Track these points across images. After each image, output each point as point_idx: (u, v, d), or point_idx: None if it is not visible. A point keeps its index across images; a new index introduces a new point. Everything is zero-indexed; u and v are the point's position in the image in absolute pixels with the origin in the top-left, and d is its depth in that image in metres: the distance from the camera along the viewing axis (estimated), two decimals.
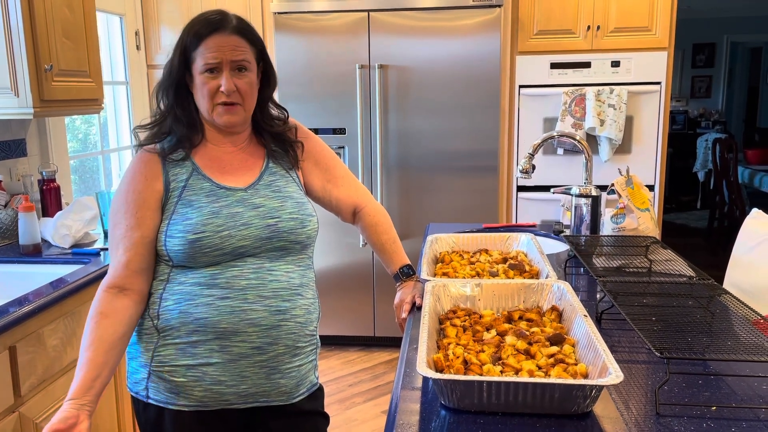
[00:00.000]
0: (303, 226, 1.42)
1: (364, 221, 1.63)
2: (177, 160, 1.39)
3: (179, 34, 1.40)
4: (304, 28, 3.47)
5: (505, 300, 1.48)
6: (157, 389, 1.37)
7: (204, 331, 1.33)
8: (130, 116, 3.55)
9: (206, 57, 1.34)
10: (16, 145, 2.56)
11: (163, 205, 1.37)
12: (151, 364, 1.37)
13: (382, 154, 3.54)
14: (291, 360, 1.41)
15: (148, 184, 1.37)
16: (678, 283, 1.54)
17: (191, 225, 1.33)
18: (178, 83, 1.39)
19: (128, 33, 3.47)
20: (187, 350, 1.34)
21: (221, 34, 1.35)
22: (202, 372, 1.34)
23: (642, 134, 3.51)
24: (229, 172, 1.42)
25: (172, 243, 1.33)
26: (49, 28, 2.21)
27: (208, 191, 1.37)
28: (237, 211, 1.36)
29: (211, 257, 1.34)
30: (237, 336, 1.34)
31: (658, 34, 3.43)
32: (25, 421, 1.66)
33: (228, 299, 1.33)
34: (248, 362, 1.36)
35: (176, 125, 1.40)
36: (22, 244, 2.20)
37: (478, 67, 3.42)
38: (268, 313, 1.36)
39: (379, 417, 3.00)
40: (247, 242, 1.35)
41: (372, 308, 3.71)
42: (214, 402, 1.37)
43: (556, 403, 1.03)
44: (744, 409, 1.06)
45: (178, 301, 1.35)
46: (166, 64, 1.41)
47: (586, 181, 2.16)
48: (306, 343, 1.44)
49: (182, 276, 1.36)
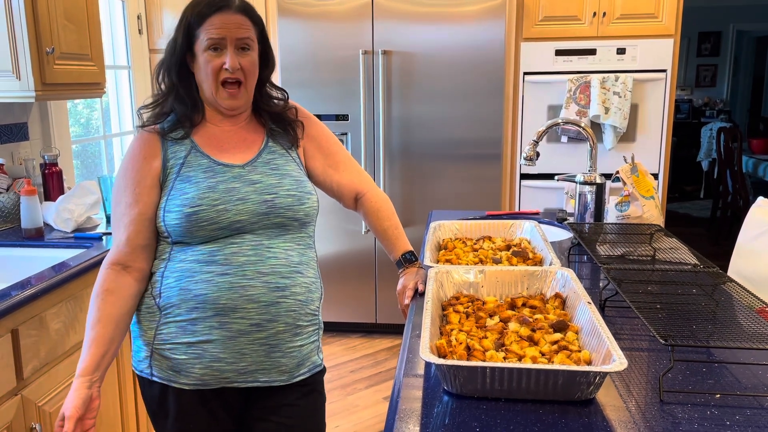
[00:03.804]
0: (301, 202, 1.42)
1: (366, 207, 1.62)
2: (176, 138, 1.41)
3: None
4: (307, 14, 3.45)
5: (508, 287, 1.47)
6: (160, 367, 1.39)
7: (204, 307, 1.35)
8: (132, 101, 3.54)
9: (211, 33, 1.35)
10: (18, 128, 2.55)
11: (162, 182, 1.39)
12: (154, 342, 1.39)
13: (385, 141, 3.52)
14: (292, 339, 1.41)
15: (146, 162, 1.39)
16: (682, 271, 1.53)
17: (188, 199, 1.35)
18: (181, 62, 1.40)
19: (130, 17, 3.45)
20: (187, 328, 1.36)
21: (226, 13, 1.36)
22: (202, 349, 1.36)
23: (647, 122, 3.49)
24: (228, 150, 1.43)
25: (170, 217, 1.36)
26: (51, 11, 2.20)
27: (206, 167, 1.39)
28: (234, 186, 1.38)
29: (208, 231, 1.35)
30: (236, 312, 1.35)
31: (664, 21, 3.40)
32: (27, 403, 1.66)
33: (227, 275, 1.35)
34: (247, 339, 1.37)
35: (178, 104, 1.42)
36: (24, 228, 2.20)
37: (482, 53, 3.40)
38: (267, 290, 1.36)
39: (380, 403, 3.01)
40: (244, 217, 1.36)
41: (374, 295, 3.71)
42: (215, 380, 1.38)
43: (560, 390, 1.02)
44: (748, 397, 1.06)
45: (178, 279, 1.36)
46: (169, 43, 1.42)
47: (591, 168, 2.15)
48: (307, 322, 1.44)
49: (182, 254, 1.37)
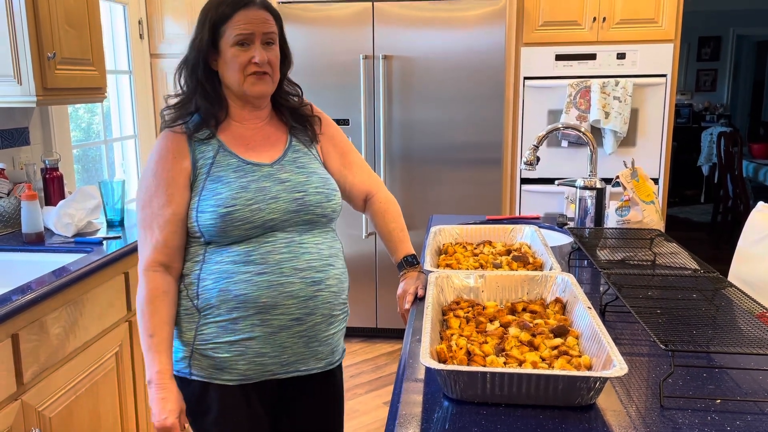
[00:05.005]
0: (328, 199, 1.47)
1: (374, 208, 1.66)
2: (203, 138, 1.43)
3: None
4: (308, 18, 3.45)
5: (508, 291, 1.47)
6: (200, 366, 1.43)
7: (245, 307, 1.38)
8: (132, 106, 3.54)
9: (240, 29, 1.38)
10: (19, 133, 2.56)
11: (192, 182, 1.41)
12: (194, 343, 1.42)
13: (386, 146, 3.53)
14: (327, 328, 1.48)
15: (176, 162, 1.41)
16: (682, 276, 1.53)
17: (222, 199, 1.37)
18: (205, 61, 1.43)
19: (131, 22, 3.46)
20: (228, 327, 1.39)
21: (251, 9, 1.40)
22: (244, 346, 1.40)
23: (647, 127, 3.49)
24: (253, 148, 1.46)
25: (204, 218, 1.38)
26: (52, 16, 2.20)
27: (236, 167, 1.42)
28: (265, 185, 1.41)
29: (242, 230, 1.38)
30: (276, 309, 1.39)
31: (664, 26, 3.40)
32: (27, 408, 1.66)
33: (265, 274, 1.38)
34: (288, 333, 1.42)
35: (203, 102, 1.44)
36: (24, 233, 2.20)
37: (482, 58, 3.40)
38: (304, 285, 1.41)
39: (380, 408, 3.00)
40: (276, 215, 1.40)
41: (374, 299, 3.71)
42: (257, 374, 1.43)
43: (560, 395, 1.02)
44: (749, 403, 1.05)
45: (216, 280, 1.39)
46: (191, 43, 1.44)
47: (591, 173, 2.15)
48: (340, 311, 1.51)
49: (217, 255, 1.40)
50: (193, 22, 1.51)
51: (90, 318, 1.94)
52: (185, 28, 3.44)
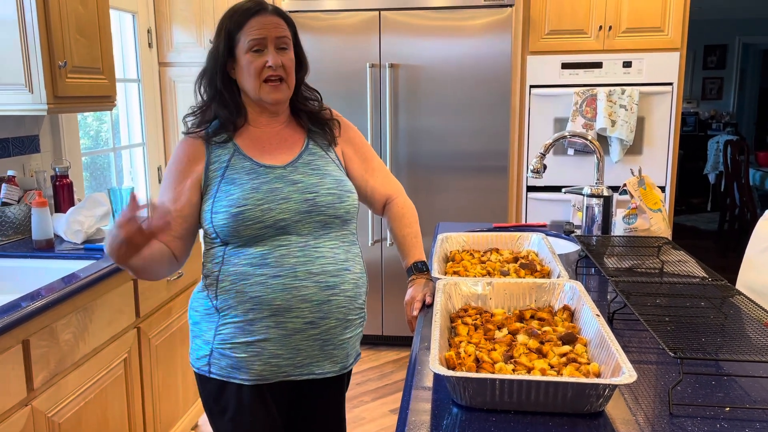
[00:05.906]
0: (341, 200, 1.49)
1: (392, 212, 1.68)
2: (220, 142, 1.48)
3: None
4: (315, 27, 3.48)
5: (516, 299, 1.48)
6: (219, 365, 1.46)
7: (260, 308, 1.42)
8: (141, 114, 3.57)
9: (252, 34, 1.43)
10: (29, 141, 2.58)
11: (205, 185, 1.46)
12: (214, 342, 1.46)
13: (392, 153, 3.54)
14: (343, 332, 1.50)
15: (189, 164, 1.47)
16: (690, 284, 1.53)
17: (233, 200, 1.41)
18: (223, 70, 1.47)
19: (140, 31, 3.49)
20: (245, 328, 1.43)
21: (263, 15, 1.45)
22: (260, 347, 1.44)
23: (653, 135, 3.50)
24: (269, 151, 1.50)
25: (218, 218, 1.43)
26: (64, 25, 2.23)
27: (249, 170, 1.46)
28: (276, 186, 1.44)
29: (254, 230, 1.41)
30: (290, 312, 1.42)
31: (670, 35, 3.41)
32: (37, 414, 1.67)
33: (279, 277, 1.41)
34: (302, 336, 1.44)
35: (221, 110, 1.49)
36: (34, 239, 2.22)
37: (488, 66, 3.41)
38: (318, 289, 1.43)
39: (386, 416, 3.00)
40: (287, 215, 1.42)
41: (380, 307, 3.71)
42: (273, 375, 1.46)
43: (569, 402, 1.03)
44: (758, 411, 1.05)
45: (233, 282, 1.43)
46: (210, 53, 1.49)
47: (598, 181, 2.15)
48: (356, 315, 1.53)
49: (235, 257, 1.44)
50: (201, 32, 1.55)
51: (99, 324, 1.96)
52: (194, 37, 3.46)
